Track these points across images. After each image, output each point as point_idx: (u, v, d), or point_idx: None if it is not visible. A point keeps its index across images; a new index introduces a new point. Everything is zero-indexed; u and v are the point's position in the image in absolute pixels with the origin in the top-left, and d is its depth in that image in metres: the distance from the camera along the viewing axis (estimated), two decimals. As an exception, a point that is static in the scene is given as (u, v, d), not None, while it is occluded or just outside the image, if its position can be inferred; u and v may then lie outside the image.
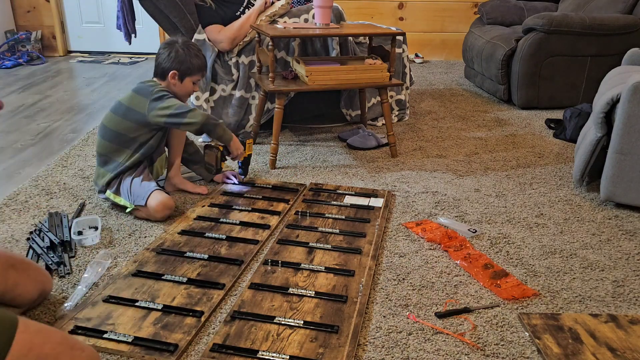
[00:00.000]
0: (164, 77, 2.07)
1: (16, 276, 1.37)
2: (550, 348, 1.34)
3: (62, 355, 1.08)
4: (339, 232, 1.91)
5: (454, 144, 2.88)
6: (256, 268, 1.68)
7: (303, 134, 2.99)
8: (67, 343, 1.12)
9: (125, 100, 2.03)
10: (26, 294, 1.40)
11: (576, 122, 2.89)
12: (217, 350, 1.31)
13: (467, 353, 1.34)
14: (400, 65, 3.14)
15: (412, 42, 4.33)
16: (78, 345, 1.15)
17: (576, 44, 3.37)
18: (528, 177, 2.46)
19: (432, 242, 1.86)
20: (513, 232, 1.96)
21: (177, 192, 2.21)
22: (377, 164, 2.58)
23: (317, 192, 2.25)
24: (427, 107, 3.55)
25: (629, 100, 2.00)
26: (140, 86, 2.04)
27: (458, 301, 1.55)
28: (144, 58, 5.02)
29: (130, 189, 1.97)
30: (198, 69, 2.09)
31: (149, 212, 1.95)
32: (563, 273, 1.70)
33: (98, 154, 2.06)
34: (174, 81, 2.06)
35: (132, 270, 1.63)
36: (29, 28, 4.91)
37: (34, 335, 1.07)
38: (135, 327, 1.38)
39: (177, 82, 2.07)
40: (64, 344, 1.10)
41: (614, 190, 2.11)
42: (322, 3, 2.56)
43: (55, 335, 1.11)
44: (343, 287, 1.59)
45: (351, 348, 1.33)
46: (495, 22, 4.17)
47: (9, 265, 1.36)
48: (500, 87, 3.62)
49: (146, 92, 2.00)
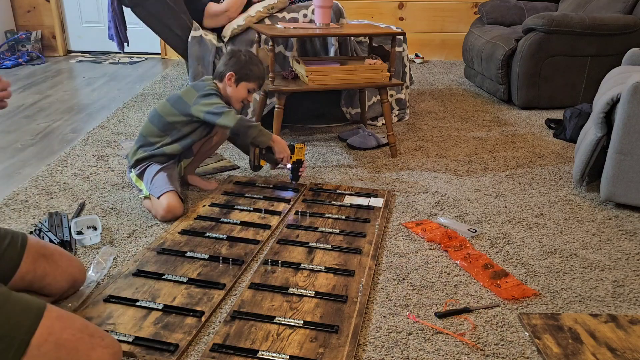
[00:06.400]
0: (221, 79, 2.16)
1: (46, 266, 1.39)
2: (550, 348, 1.35)
3: (81, 342, 1.09)
4: (339, 232, 1.91)
5: (454, 144, 2.88)
6: (256, 268, 1.68)
7: (303, 134, 2.99)
8: (87, 331, 1.13)
9: (181, 91, 2.15)
10: (55, 284, 1.41)
11: (576, 122, 2.89)
12: (217, 350, 1.31)
13: (467, 353, 1.34)
14: (401, 65, 3.14)
15: (412, 42, 4.34)
16: (98, 333, 1.16)
17: (576, 44, 3.37)
18: (528, 177, 2.46)
19: (432, 242, 1.86)
20: (513, 232, 1.96)
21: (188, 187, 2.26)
22: (377, 164, 2.58)
23: (317, 192, 2.25)
24: (427, 107, 3.55)
25: (629, 100, 2.00)
26: (198, 82, 2.18)
27: (458, 301, 1.55)
28: (143, 58, 5.02)
29: (152, 179, 2.03)
30: (255, 77, 2.17)
31: (156, 208, 1.97)
32: (563, 273, 1.71)
33: (140, 133, 2.16)
34: (230, 82, 2.14)
35: (132, 270, 1.63)
36: (29, 28, 4.91)
37: (54, 321, 1.08)
38: (135, 327, 1.38)
39: (233, 85, 2.15)
40: (83, 332, 1.11)
41: (614, 190, 2.12)
42: (322, 3, 2.57)
43: (76, 322, 1.12)
44: (343, 287, 1.59)
45: (351, 348, 1.33)
46: (495, 22, 4.17)
47: (39, 255, 1.38)
48: (500, 87, 3.62)
49: (199, 87, 2.12)
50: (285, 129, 3.00)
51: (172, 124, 2.10)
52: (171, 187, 1.98)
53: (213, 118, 2.04)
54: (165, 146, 2.10)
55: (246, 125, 2.06)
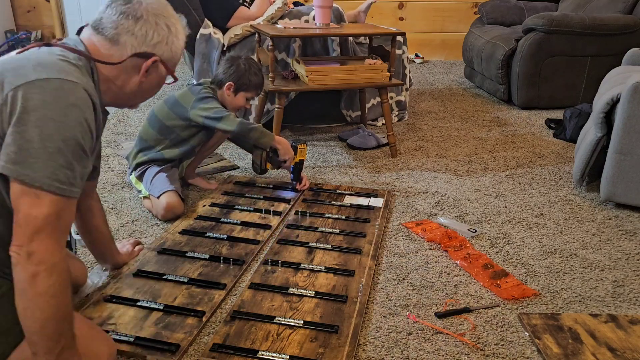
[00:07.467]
0: (220, 87, 2.17)
1: None
2: (550, 348, 1.35)
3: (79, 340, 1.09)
4: (339, 232, 1.91)
5: (454, 144, 2.89)
6: (256, 268, 1.68)
7: (303, 134, 2.99)
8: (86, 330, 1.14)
9: (178, 94, 2.14)
10: None
11: (576, 122, 2.89)
12: (217, 350, 1.31)
13: (467, 353, 1.35)
14: (400, 67, 3.14)
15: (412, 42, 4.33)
16: (99, 335, 1.18)
17: (576, 44, 3.38)
18: (528, 177, 2.46)
19: (432, 242, 1.87)
20: (513, 232, 1.96)
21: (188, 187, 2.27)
22: (377, 164, 2.58)
23: (317, 192, 2.25)
24: (427, 107, 3.55)
25: (629, 101, 2.01)
26: (194, 86, 2.17)
27: (458, 301, 1.55)
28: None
29: (152, 179, 2.03)
30: (254, 86, 2.18)
31: (156, 207, 1.97)
32: (563, 273, 1.71)
33: (139, 136, 2.16)
34: (228, 92, 2.16)
35: (133, 270, 1.64)
36: (29, 28, 4.91)
37: None
38: (136, 327, 1.38)
39: (232, 94, 2.16)
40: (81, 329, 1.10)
41: (614, 190, 2.12)
42: (322, 3, 2.57)
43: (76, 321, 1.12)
44: (343, 287, 1.59)
45: (351, 348, 1.33)
46: (495, 22, 4.18)
47: None
48: (500, 87, 3.63)
49: (195, 91, 2.12)
50: (285, 129, 3.00)
51: (170, 127, 2.10)
52: (171, 187, 1.98)
53: (213, 123, 2.03)
54: (165, 150, 2.11)
55: (247, 128, 2.05)
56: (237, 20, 2.88)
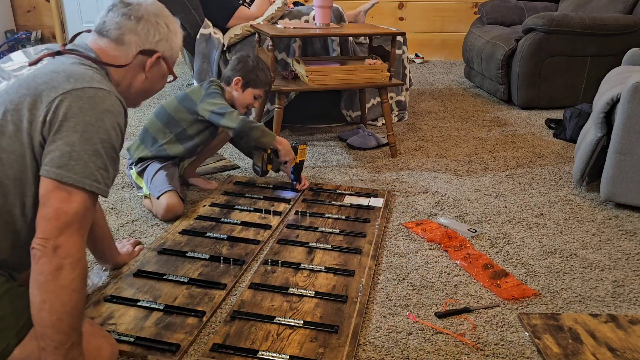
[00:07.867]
0: (228, 84, 2.18)
1: None
2: (550, 348, 1.35)
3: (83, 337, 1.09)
4: (339, 232, 1.91)
5: (454, 144, 2.89)
6: (256, 268, 1.68)
7: (303, 134, 2.99)
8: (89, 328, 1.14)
9: (189, 90, 2.17)
10: None
11: (576, 122, 2.89)
12: (217, 350, 1.31)
13: (467, 353, 1.35)
14: (400, 67, 3.14)
15: (412, 42, 4.34)
16: (99, 333, 1.19)
17: (576, 44, 3.38)
18: (528, 177, 2.46)
19: (432, 242, 1.87)
20: (513, 232, 1.96)
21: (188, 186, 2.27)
22: (377, 164, 2.58)
23: (317, 192, 2.25)
24: (427, 107, 3.55)
25: (629, 101, 2.01)
26: (205, 83, 2.18)
27: (458, 301, 1.55)
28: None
29: (152, 178, 2.03)
30: (262, 83, 2.19)
31: (156, 208, 1.97)
32: (563, 273, 1.71)
33: (144, 128, 2.16)
34: (236, 87, 2.17)
35: (133, 270, 1.64)
36: (29, 28, 4.91)
37: None
38: (137, 327, 1.39)
39: (240, 90, 2.17)
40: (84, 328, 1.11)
41: (614, 190, 2.12)
42: (322, 3, 2.57)
43: None
44: (343, 287, 1.59)
45: (351, 348, 1.33)
46: (495, 22, 4.18)
47: None
48: (500, 87, 3.63)
49: (205, 87, 2.14)
50: (285, 129, 3.00)
51: (177, 121, 2.11)
52: (170, 187, 1.98)
53: (217, 118, 2.04)
54: (168, 145, 2.11)
55: (249, 127, 2.05)
56: (237, 20, 2.88)
